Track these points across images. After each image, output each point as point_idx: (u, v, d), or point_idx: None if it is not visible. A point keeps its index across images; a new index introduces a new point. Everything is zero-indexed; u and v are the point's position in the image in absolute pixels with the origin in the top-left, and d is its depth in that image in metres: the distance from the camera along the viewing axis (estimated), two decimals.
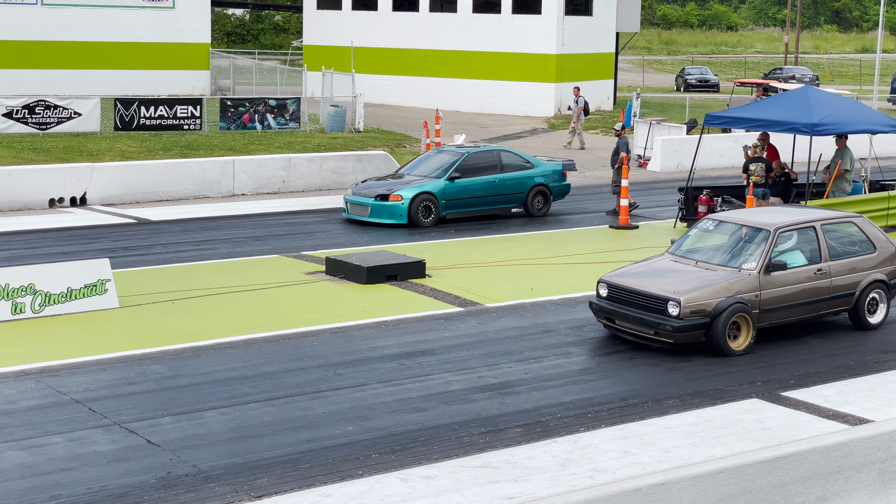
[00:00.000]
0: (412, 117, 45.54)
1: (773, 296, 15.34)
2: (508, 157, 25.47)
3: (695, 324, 14.76)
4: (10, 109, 34.90)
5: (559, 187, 26.01)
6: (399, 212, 23.68)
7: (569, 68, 49.39)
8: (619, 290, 15.47)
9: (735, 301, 14.89)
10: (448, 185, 24.21)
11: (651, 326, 14.94)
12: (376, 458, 11.46)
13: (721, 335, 14.83)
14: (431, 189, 24.00)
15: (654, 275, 15.60)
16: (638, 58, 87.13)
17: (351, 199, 24.43)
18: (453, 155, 24.93)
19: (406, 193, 23.78)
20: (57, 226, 23.47)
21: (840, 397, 13.52)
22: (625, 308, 15.31)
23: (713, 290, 14.93)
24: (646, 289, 15.18)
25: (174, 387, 13.49)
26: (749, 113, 24.34)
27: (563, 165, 26.28)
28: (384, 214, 23.78)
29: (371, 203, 23.90)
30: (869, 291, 16.32)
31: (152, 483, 10.77)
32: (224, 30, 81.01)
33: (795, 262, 15.72)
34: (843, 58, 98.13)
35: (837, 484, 9.67)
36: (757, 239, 15.65)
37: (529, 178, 25.46)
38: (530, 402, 13.18)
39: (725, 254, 15.81)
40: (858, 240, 16.51)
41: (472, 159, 24.82)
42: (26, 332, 15.67)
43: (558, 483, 10.80)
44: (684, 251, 16.16)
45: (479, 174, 24.73)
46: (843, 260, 16.13)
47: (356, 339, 15.61)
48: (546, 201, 25.69)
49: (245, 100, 39.02)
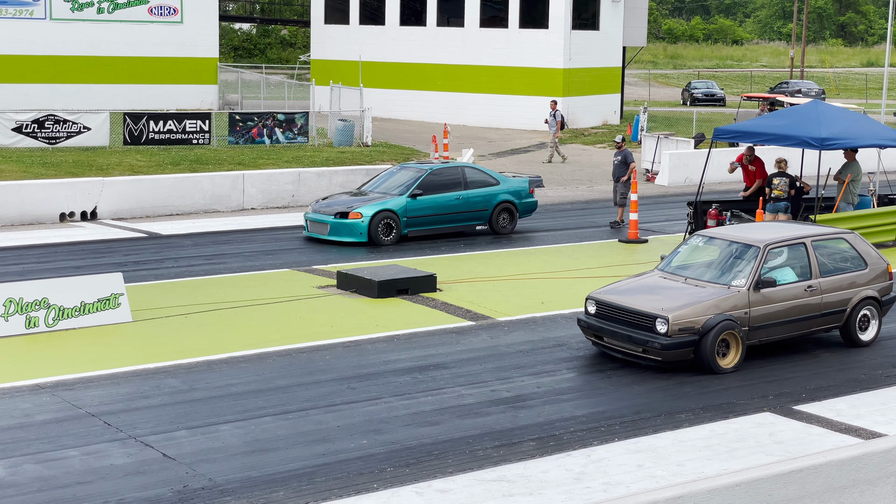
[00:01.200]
0: (420, 131, 45.67)
1: (763, 313, 15.17)
2: (473, 174, 24.99)
3: (683, 341, 14.60)
4: (20, 124, 35.06)
5: (526, 204, 25.48)
6: (359, 230, 23.14)
7: (576, 82, 49.52)
8: (607, 307, 15.30)
9: (724, 318, 14.74)
10: (410, 202, 23.70)
11: (639, 344, 14.76)
12: (391, 471, 11.51)
13: (710, 353, 14.68)
14: (392, 206, 23.48)
15: (643, 291, 15.44)
16: (644, 72, 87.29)
17: (311, 216, 23.88)
18: (416, 172, 24.41)
19: (366, 211, 23.26)
20: (68, 240, 23.57)
21: (852, 411, 13.55)
22: (613, 325, 15.13)
23: (702, 308, 14.77)
24: (634, 306, 15.02)
25: (189, 400, 13.55)
26: (758, 127, 24.37)
27: (529, 182, 25.79)
28: (344, 233, 23.22)
29: (330, 221, 23.35)
30: (860, 308, 16.14)
31: (169, 496, 10.83)
32: (231, 44, 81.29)
33: (785, 279, 15.54)
34: (848, 72, 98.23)
35: (853, 497, 9.70)
36: (746, 255, 15.49)
37: (494, 194, 24.97)
38: (543, 416, 13.23)
39: (715, 270, 15.62)
40: (850, 256, 16.30)
41: (435, 176, 24.33)
42: (40, 346, 15.75)
43: (573, 497, 10.84)
44: (674, 267, 15.98)
45: (442, 191, 24.25)
46: (833, 276, 15.94)
47: (369, 353, 15.67)
48: (512, 218, 25.20)
49: (254, 114, 39.16)
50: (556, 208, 29.98)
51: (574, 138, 46.83)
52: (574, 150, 43.49)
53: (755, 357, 15.62)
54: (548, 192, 32.89)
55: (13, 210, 25.23)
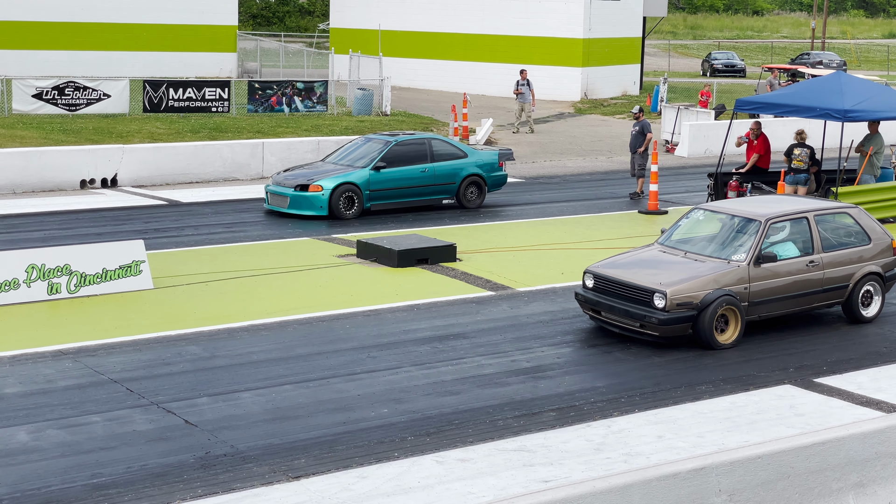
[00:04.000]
0: (439, 101, 45.58)
1: (763, 288, 14.97)
2: (440, 146, 24.30)
3: (681, 316, 14.42)
4: (40, 91, 35.07)
5: (495, 177, 24.84)
6: (319, 203, 22.56)
7: (596, 53, 49.31)
8: (605, 281, 15.11)
9: (723, 293, 14.54)
10: (373, 175, 23.10)
11: (637, 319, 14.58)
12: (412, 440, 11.55)
13: (708, 328, 14.51)
14: (355, 179, 22.89)
15: (642, 266, 15.23)
16: (664, 42, 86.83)
17: (271, 189, 23.31)
18: (380, 143, 23.81)
19: (327, 184, 22.66)
20: (89, 207, 23.63)
21: (873, 384, 13.53)
22: (611, 300, 14.93)
23: (701, 282, 14.57)
24: (632, 280, 14.81)
25: (210, 368, 13.61)
26: (780, 99, 24.25)
27: (499, 154, 25.17)
28: (304, 206, 22.65)
29: (290, 194, 22.77)
30: (863, 284, 15.92)
31: (191, 463, 10.89)
32: (249, 12, 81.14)
33: (787, 254, 15.31)
34: (869, 43, 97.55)
35: (874, 470, 9.71)
36: (748, 229, 15.26)
37: (462, 167, 24.30)
38: (563, 387, 13.25)
39: (715, 245, 15.40)
40: (853, 231, 16.06)
41: (400, 148, 23.68)
42: (62, 313, 15.82)
43: (593, 467, 10.87)
44: (674, 241, 15.76)
45: (407, 164, 23.58)
46: (836, 252, 15.71)
47: (389, 322, 15.70)
48: (480, 192, 24.53)
49: (273, 82, 39.11)
50: (576, 179, 29.93)
51: (593, 109, 46.68)
52: (593, 120, 43.38)
53: (775, 329, 15.61)
54: (567, 162, 32.86)
55: (34, 176, 25.29)
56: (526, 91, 38.34)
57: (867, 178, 23.72)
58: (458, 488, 10.35)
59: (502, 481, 10.53)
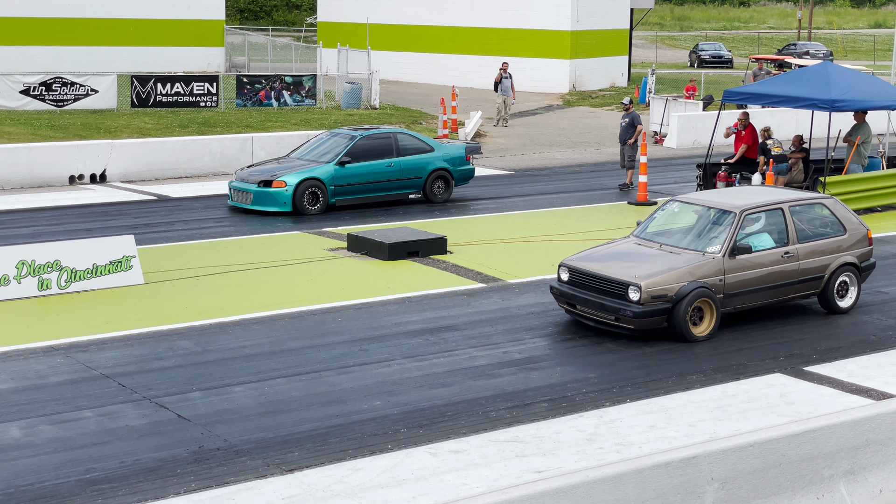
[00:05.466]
0: (427, 94, 45.56)
1: (738, 280, 14.92)
2: (406, 140, 24.06)
3: (656, 309, 14.37)
4: (28, 86, 35.00)
5: (462, 171, 24.59)
6: (283, 199, 22.30)
7: (584, 44, 49.31)
8: (579, 275, 15.04)
9: (698, 286, 14.48)
10: (338, 170, 22.84)
11: (612, 312, 14.53)
12: (405, 432, 11.58)
13: (683, 321, 14.46)
14: (319, 175, 22.64)
15: (616, 258, 15.18)
16: (651, 34, 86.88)
17: (234, 185, 23.05)
18: (345, 138, 23.54)
19: (290, 179, 22.43)
20: (78, 202, 23.60)
21: (862, 372, 13.60)
22: (585, 293, 14.86)
23: (675, 275, 14.52)
24: (607, 273, 14.76)
25: (202, 362, 13.62)
26: (768, 89, 24.33)
27: (466, 148, 24.94)
28: (267, 202, 22.40)
29: (254, 190, 22.50)
30: (839, 275, 15.88)
31: (185, 457, 10.91)
32: (237, 6, 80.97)
33: (762, 245, 15.24)
34: (856, 33, 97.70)
35: (865, 457, 9.76)
36: (723, 221, 15.19)
37: (428, 162, 24.06)
38: (555, 378, 13.29)
39: (690, 236, 15.34)
40: (829, 222, 16.01)
41: (366, 142, 23.42)
42: (53, 308, 15.82)
43: (586, 457, 10.91)
44: (649, 234, 15.67)
45: (372, 158, 23.35)
46: (812, 242, 15.65)
47: (380, 315, 15.72)
48: (447, 186, 24.28)
49: (261, 77, 39.08)
50: (565, 170, 29.96)
51: (582, 100, 46.71)
52: (582, 112, 43.43)
53: (765, 319, 15.67)
54: (556, 154, 32.89)
55: (23, 172, 25.25)
56: (506, 84, 38.24)
57: (855, 168, 23.82)
58: (452, 479, 10.39)
59: (495, 472, 10.56)
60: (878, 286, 17.49)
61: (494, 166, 30.12)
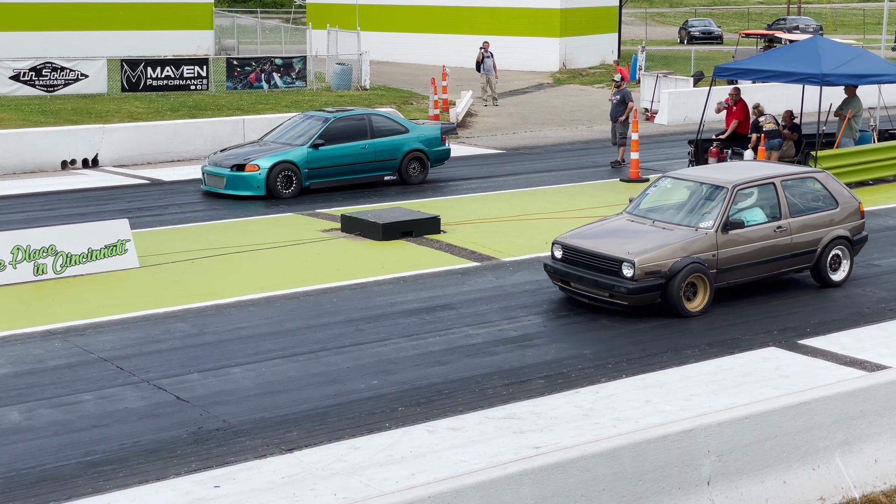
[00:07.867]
0: (417, 74, 45.52)
1: (732, 255, 14.96)
2: (380, 122, 23.88)
3: (650, 285, 14.42)
4: (17, 72, 34.95)
5: (437, 152, 24.46)
6: (256, 182, 22.14)
7: (573, 22, 49.29)
8: (573, 252, 15.08)
9: (691, 261, 14.53)
10: (311, 152, 22.66)
11: (605, 288, 14.59)
12: (402, 410, 11.64)
13: (676, 296, 14.52)
14: (292, 158, 22.47)
15: (610, 235, 15.21)
16: (640, 10, 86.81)
17: (207, 169, 22.90)
18: (319, 121, 23.34)
19: (263, 163, 22.24)
20: (71, 187, 23.61)
21: (856, 344, 13.69)
22: (579, 270, 14.91)
23: (669, 251, 14.56)
24: (600, 250, 14.80)
25: (199, 344, 13.67)
26: (758, 64, 24.34)
27: (441, 129, 24.74)
28: (240, 186, 22.23)
29: (226, 174, 22.35)
30: (831, 248, 15.91)
31: (184, 438, 10.97)
32: None
33: (754, 220, 15.28)
34: (845, 7, 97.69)
35: (860, 428, 9.85)
36: (715, 196, 15.22)
37: (403, 143, 23.92)
38: (551, 354, 13.36)
39: (683, 212, 15.38)
40: (821, 195, 16.04)
41: (340, 124, 23.23)
42: (49, 293, 15.85)
43: (583, 432, 10.98)
44: (642, 210, 15.70)
45: (346, 140, 23.15)
46: (804, 217, 15.67)
47: (376, 295, 15.77)
48: (423, 168, 24.17)
49: (251, 59, 39.02)
50: (557, 149, 30.00)
51: (572, 78, 46.71)
52: (572, 90, 43.42)
53: (759, 293, 15.75)
54: (547, 133, 32.92)
55: (15, 158, 25.24)
56: (489, 63, 38.14)
57: (846, 142, 23.88)
58: (450, 456, 10.46)
59: (493, 448, 10.64)
60: (870, 259, 17.57)
61: (486, 145, 30.16)
